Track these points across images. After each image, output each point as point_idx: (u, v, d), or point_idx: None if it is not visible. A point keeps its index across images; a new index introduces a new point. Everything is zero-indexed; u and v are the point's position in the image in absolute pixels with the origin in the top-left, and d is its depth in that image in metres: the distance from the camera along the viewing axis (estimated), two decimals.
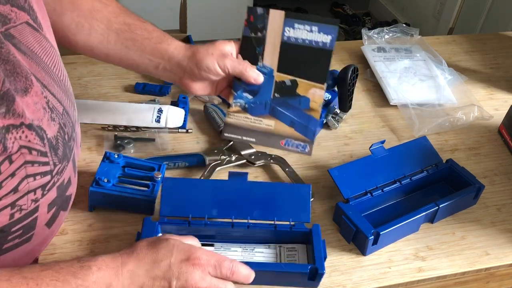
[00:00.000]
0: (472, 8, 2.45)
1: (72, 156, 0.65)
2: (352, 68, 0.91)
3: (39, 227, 0.61)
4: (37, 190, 0.58)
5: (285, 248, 0.73)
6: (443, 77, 1.12)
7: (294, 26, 0.76)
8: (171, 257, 0.59)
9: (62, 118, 0.62)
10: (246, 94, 0.78)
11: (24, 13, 0.60)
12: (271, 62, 0.78)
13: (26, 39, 0.59)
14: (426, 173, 0.84)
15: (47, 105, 0.59)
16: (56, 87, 0.63)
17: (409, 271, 0.74)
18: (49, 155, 0.58)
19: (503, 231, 0.81)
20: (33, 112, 0.56)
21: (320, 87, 0.77)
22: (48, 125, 0.59)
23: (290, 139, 0.78)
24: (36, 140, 0.56)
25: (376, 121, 1.03)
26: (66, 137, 0.63)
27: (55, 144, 0.60)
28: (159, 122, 0.92)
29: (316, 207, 0.82)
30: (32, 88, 0.57)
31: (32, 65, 0.59)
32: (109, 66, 1.10)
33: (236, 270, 0.62)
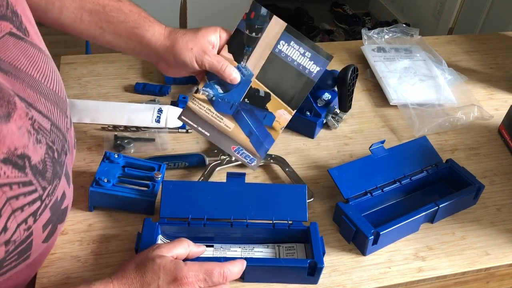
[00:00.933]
0: (472, 8, 2.45)
1: (64, 170, 0.63)
2: (352, 68, 0.91)
3: (36, 246, 0.60)
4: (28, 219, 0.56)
5: (284, 247, 0.74)
6: (443, 77, 1.12)
7: (290, 43, 0.76)
8: (158, 280, 0.59)
9: (50, 136, 0.60)
10: (218, 87, 0.77)
11: (7, 22, 0.57)
12: (253, 66, 0.77)
13: (9, 54, 0.56)
14: (426, 173, 0.84)
15: (32, 127, 0.56)
16: (43, 101, 0.60)
17: (409, 271, 0.74)
18: (35, 182, 0.56)
19: (503, 231, 0.81)
20: (17, 139, 0.53)
21: (290, 111, 0.77)
22: (34, 149, 0.56)
23: (242, 148, 0.77)
24: (14, 173, 0.53)
25: (376, 121, 1.03)
26: (56, 155, 0.61)
27: (42, 168, 0.57)
28: (159, 122, 0.92)
29: (316, 207, 0.82)
30: (15, 111, 0.53)
31: (15, 84, 0.56)
32: (109, 66, 1.10)
33: (228, 274, 0.62)
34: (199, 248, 0.67)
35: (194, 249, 0.66)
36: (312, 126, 0.94)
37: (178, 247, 0.64)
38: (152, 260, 0.60)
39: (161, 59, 0.76)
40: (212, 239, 0.74)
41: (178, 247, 0.64)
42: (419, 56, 1.18)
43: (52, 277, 0.68)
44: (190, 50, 0.74)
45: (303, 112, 0.94)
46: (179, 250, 0.64)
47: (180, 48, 0.74)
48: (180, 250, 0.64)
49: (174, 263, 0.60)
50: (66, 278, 0.68)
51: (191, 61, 0.74)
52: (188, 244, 0.66)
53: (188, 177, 0.86)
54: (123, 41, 0.76)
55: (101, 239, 0.74)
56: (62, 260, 0.71)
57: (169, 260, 0.61)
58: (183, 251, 0.65)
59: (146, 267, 0.60)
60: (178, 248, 0.64)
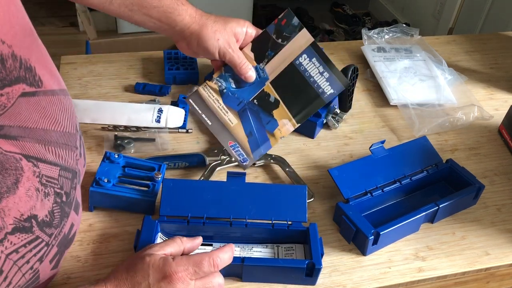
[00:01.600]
0: (472, 8, 2.45)
1: (73, 205, 0.64)
2: (352, 68, 0.91)
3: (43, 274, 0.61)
4: (34, 265, 0.57)
5: (282, 247, 0.74)
6: (443, 77, 1.12)
7: (312, 59, 0.78)
8: (148, 278, 0.58)
9: (58, 183, 0.61)
10: (231, 81, 0.78)
11: (20, 84, 0.55)
12: (271, 71, 0.78)
13: (19, 118, 0.56)
14: (426, 173, 0.84)
15: (40, 183, 0.58)
16: (52, 149, 0.61)
17: (409, 271, 0.74)
18: (42, 234, 0.57)
19: (503, 231, 0.81)
20: (24, 204, 0.54)
21: (294, 124, 0.79)
22: (41, 206, 0.57)
23: (238, 145, 0.78)
24: (21, 237, 0.54)
25: (376, 121, 1.03)
26: (64, 198, 0.62)
27: (50, 220, 0.59)
28: (159, 122, 0.92)
29: (316, 207, 0.82)
30: (23, 175, 0.55)
31: (24, 145, 0.57)
32: (109, 66, 1.10)
33: (218, 261, 0.62)
34: (194, 241, 0.66)
35: (188, 244, 0.65)
36: (312, 126, 0.94)
37: (170, 245, 0.64)
38: (141, 259, 0.60)
39: (184, 40, 0.78)
40: (211, 238, 0.74)
41: (171, 245, 0.64)
42: (419, 56, 1.18)
43: None
44: (216, 40, 0.75)
45: None
46: (172, 248, 0.63)
47: (207, 35, 0.76)
48: (173, 247, 0.64)
49: (163, 260, 0.60)
50: (66, 278, 0.68)
51: (214, 50, 0.76)
52: (182, 240, 0.65)
53: (188, 177, 0.86)
54: (152, 22, 0.77)
55: (101, 239, 0.74)
56: (62, 260, 0.70)
57: (158, 258, 0.60)
58: (176, 248, 0.64)
59: (136, 267, 0.60)
60: (170, 246, 0.64)
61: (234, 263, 0.66)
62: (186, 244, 0.65)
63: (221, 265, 0.62)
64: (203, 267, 0.60)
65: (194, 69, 1.07)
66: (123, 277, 0.59)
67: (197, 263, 0.60)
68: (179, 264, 0.60)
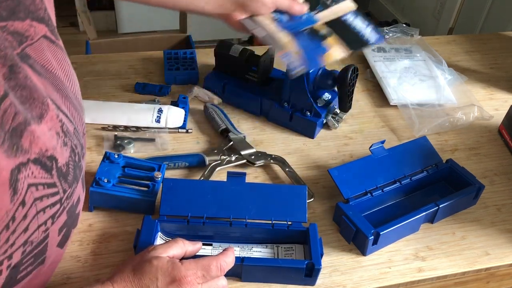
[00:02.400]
0: (472, 8, 2.45)
1: (81, 174, 0.64)
2: (352, 68, 0.91)
3: (50, 250, 0.61)
4: (47, 221, 0.57)
5: (282, 248, 0.74)
6: (443, 77, 1.12)
7: (357, 17, 0.90)
8: (156, 282, 0.59)
9: (73, 139, 0.61)
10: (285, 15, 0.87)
11: (43, 25, 0.57)
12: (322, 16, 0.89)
13: (42, 57, 0.57)
14: (426, 173, 0.84)
15: (61, 129, 0.58)
16: (68, 105, 0.62)
17: (409, 271, 0.74)
18: (58, 184, 0.57)
19: (503, 231, 0.81)
20: (47, 141, 0.54)
21: (346, 49, 0.86)
22: (61, 152, 0.57)
23: (290, 55, 0.81)
24: (41, 174, 0.54)
25: (376, 121, 1.03)
26: (77, 159, 0.62)
27: (66, 171, 0.58)
28: (159, 122, 0.92)
29: (316, 207, 0.82)
30: (48, 113, 0.55)
31: (47, 86, 0.57)
32: (109, 66, 1.10)
33: (224, 265, 0.62)
34: (195, 245, 0.67)
35: (190, 247, 0.66)
36: (312, 126, 0.95)
37: (173, 247, 0.64)
38: (149, 262, 0.60)
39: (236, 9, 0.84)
40: (211, 237, 0.74)
41: (174, 247, 0.64)
42: (419, 56, 1.18)
43: (52, 277, 0.68)
44: None
45: (303, 112, 0.94)
46: (175, 250, 0.64)
47: None
48: (176, 250, 0.64)
49: (171, 263, 0.60)
50: (66, 278, 0.68)
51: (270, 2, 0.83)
52: (184, 243, 0.66)
53: (188, 177, 0.86)
54: None
55: (101, 239, 0.74)
56: (62, 260, 0.71)
57: (166, 261, 0.61)
58: (179, 250, 0.64)
59: (143, 269, 0.60)
60: (173, 248, 0.64)
61: (234, 262, 0.66)
62: (188, 247, 0.66)
63: (227, 269, 0.63)
64: (211, 272, 0.61)
65: (194, 69, 1.07)
66: (129, 279, 0.59)
67: (205, 267, 0.61)
68: (188, 268, 0.60)
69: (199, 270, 0.60)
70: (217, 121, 0.94)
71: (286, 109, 0.96)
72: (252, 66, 0.97)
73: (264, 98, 0.98)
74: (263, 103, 0.98)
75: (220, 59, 1.02)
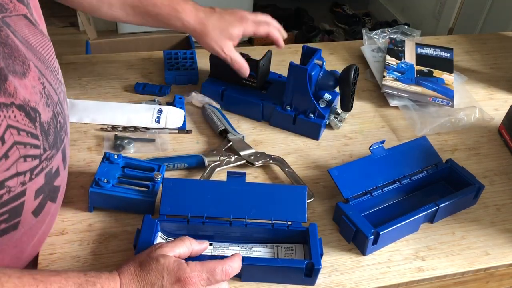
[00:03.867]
0: (472, 8, 2.45)
1: (62, 147, 0.66)
2: (354, 67, 0.91)
3: (25, 214, 0.61)
4: (26, 173, 0.58)
5: (282, 247, 0.74)
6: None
7: (423, 48, 1.20)
8: (162, 280, 0.59)
9: (56, 107, 0.63)
10: (396, 72, 1.11)
11: (23, 6, 0.62)
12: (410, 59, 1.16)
13: (21, 30, 0.61)
14: (426, 173, 0.84)
15: (44, 91, 0.60)
16: (52, 77, 0.64)
17: (408, 271, 0.74)
18: (40, 138, 0.59)
19: (503, 231, 0.81)
20: (30, 94, 0.57)
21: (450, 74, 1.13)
22: (44, 109, 0.60)
23: (435, 97, 1.05)
24: (25, 122, 0.56)
25: (376, 121, 1.03)
26: (58, 126, 0.64)
27: (47, 130, 0.61)
28: (158, 123, 0.92)
29: (316, 207, 0.82)
30: (30, 73, 0.58)
31: (28, 53, 0.60)
32: (109, 66, 1.10)
33: (230, 270, 0.63)
34: (201, 245, 0.67)
35: (196, 246, 0.67)
36: (317, 128, 0.94)
37: (180, 246, 0.65)
38: (155, 259, 0.61)
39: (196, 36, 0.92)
40: (211, 237, 0.74)
41: (180, 246, 0.65)
42: None
43: None
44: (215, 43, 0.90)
45: (306, 114, 0.94)
46: (181, 249, 0.65)
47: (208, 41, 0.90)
48: (183, 249, 0.65)
49: (177, 263, 0.61)
50: None
51: (217, 52, 0.91)
52: (190, 242, 0.66)
53: (187, 178, 0.86)
54: (161, 26, 0.91)
55: (101, 239, 0.74)
56: (62, 260, 0.71)
57: (173, 260, 0.61)
58: (185, 249, 0.65)
59: (150, 266, 0.60)
60: (180, 247, 0.65)
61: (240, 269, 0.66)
62: (195, 246, 0.66)
63: (232, 274, 0.64)
64: (216, 275, 0.62)
65: (194, 69, 1.07)
66: (136, 274, 0.60)
67: (210, 271, 0.62)
68: (194, 270, 0.61)
69: (204, 272, 0.61)
70: (215, 122, 0.94)
71: (289, 113, 0.95)
72: (251, 72, 0.96)
73: (265, 102, 0.97)
74: (264, 108, 0.97)
75: (215, 66, 1.01)
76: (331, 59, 1.19)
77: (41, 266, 0.69)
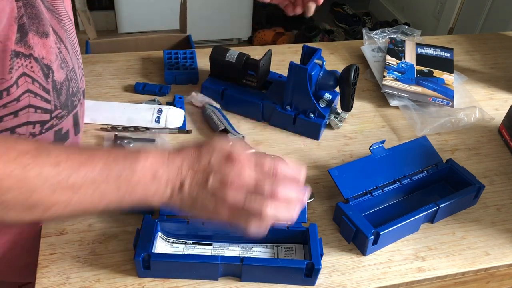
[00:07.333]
0: (472, 8, 2.45)
1: (74, 112, 0.68)
2: (354, 67, 0.91)
3: None
4: (36, 125, 0.60)
5: (282, 248, 0.74)
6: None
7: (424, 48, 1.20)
8: (212, 153, 0.57)
9: (70, 72, 0.67)
10: (396, 72, 1.10)
11: None
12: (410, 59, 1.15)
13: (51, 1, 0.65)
14: (426, 173, 0.84)
15: (60, 55, 0.64)
16: (69, 46, 0.68)
17: (409, 271, 0.74)
18: (51, 94, 0.62)
19: (503, 231, 0.81)
20: (47, 52, 0.61)
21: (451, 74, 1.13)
22: (57, 69, 0.63)
23: (435, 97, 1.05)
24: (40, 74, 0.60)
25: (376, 121, 1.02)
26: (71, 90, 0.66)
27: (59, 89, 0.64)
28: (158, 123, 0.92)
29: (316, 207, 0.82)
30: (50, 35, 0.62)
31: (53, 20, 0.63)
32: (109, 66, 1.10)
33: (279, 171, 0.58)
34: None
35: None
36: (317, 128, 0.94)
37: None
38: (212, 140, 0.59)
39: None
40: (210, 237, 0.74)
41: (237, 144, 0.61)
42: None
43: (52, 277, 0.68)
44: None
45: (306, 114, 0.94)
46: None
47: None
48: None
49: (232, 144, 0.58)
50: (66, 278, 0.68)
51: None
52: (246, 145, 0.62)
53: None
54: None
55: (101, 239, 0.74)
56: (62, 260, 0.71)
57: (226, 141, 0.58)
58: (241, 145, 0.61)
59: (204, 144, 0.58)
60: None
61: (233, 262, 0.66)
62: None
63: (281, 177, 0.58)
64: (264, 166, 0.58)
65: (194, 69, 1.07)
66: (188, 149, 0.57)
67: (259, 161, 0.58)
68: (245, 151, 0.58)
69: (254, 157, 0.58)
70: (215, 121, 0.94)
71: (289, 112, 0.95)
72: (250, 71, 0.96)
73: (265, 102, 0.97)
74: (264, 108, 0.97)
75: (215, 66, 1.01)
76: (331, 59, 1.19)
77: (41, 266, 0.69)
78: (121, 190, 0.54)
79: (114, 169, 0.53)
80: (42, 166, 0.49)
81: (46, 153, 0.51)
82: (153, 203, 0.56)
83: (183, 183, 0.56)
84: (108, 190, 0.53)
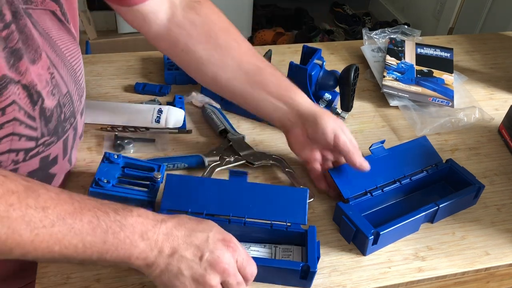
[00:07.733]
0: (472, 8, 2.45)
1: (64, 137, 0.66)
2: (354, 67, 0.91)
3: None
4: (19, 152, 0.58)
5: (280, 248, 0.74)
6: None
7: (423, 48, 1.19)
8: (210, 232, 0.60)
9: (63, 98, 0.64)
10: (396, 72, 1.10)
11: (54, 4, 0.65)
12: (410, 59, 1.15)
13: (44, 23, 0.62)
14: (426, 173, 0.84)
15: (51, 81, 0.62)
16: (65, 71, 0.65)
17: (409, 271, 0.74)
18: (38, 121, 0.60)
19: (503, 231, 0.81)
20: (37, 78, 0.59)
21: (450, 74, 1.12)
22: (47, 97, 0.61)
23: (435, 98, 1.05)
24: (26, 102, 0.57)
25: (376, 121, 1.02)
26: (62, 116, 0.64)
27: (48, 116, 0.61)
28: (158, 123, 0.92)
29: (316, 207, 0.82)
30: (40, 61, 0.60)
31: (45, 44, 0.61)
32: (109, 66, 1.10)
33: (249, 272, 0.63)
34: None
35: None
36: None
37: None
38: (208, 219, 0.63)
39: (299, 124, 0.79)
40: None
41: None
42: None
43: (52, 277, 0.68)
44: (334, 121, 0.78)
45: None
46: None
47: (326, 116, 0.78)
48: None
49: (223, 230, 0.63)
50: (66, 278, 0.68)
51: (331, 131, 0.77)
52: None
53: None
54: (269, 101, 0.80)
55: None
56: None
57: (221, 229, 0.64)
58: None
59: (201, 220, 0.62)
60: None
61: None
62: None
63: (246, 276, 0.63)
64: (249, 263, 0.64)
65: None
66: (184, 220, 0.61)
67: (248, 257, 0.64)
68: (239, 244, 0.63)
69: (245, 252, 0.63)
70: (215, 121, 0.94)
71: None
72: None
73: None
74: None
75: None
76: (331, 59, 1.19)
77: (41, 266, 0.69)
78: (107, 243, 0.54)
79: (103, 222, 0.54)
80: (27, 208, 0.49)
81: (35, 196, 0.50)
82: (136, 262, 0.57)
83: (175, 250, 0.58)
84: (94, 243, 0.54)
